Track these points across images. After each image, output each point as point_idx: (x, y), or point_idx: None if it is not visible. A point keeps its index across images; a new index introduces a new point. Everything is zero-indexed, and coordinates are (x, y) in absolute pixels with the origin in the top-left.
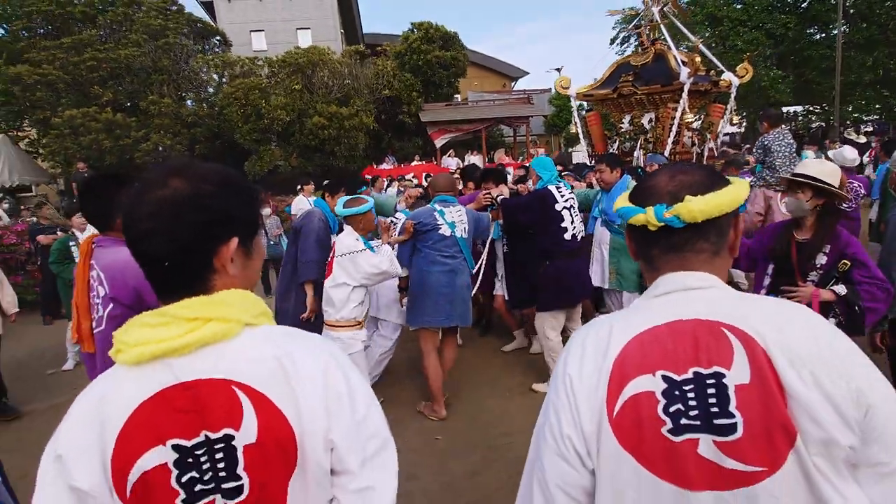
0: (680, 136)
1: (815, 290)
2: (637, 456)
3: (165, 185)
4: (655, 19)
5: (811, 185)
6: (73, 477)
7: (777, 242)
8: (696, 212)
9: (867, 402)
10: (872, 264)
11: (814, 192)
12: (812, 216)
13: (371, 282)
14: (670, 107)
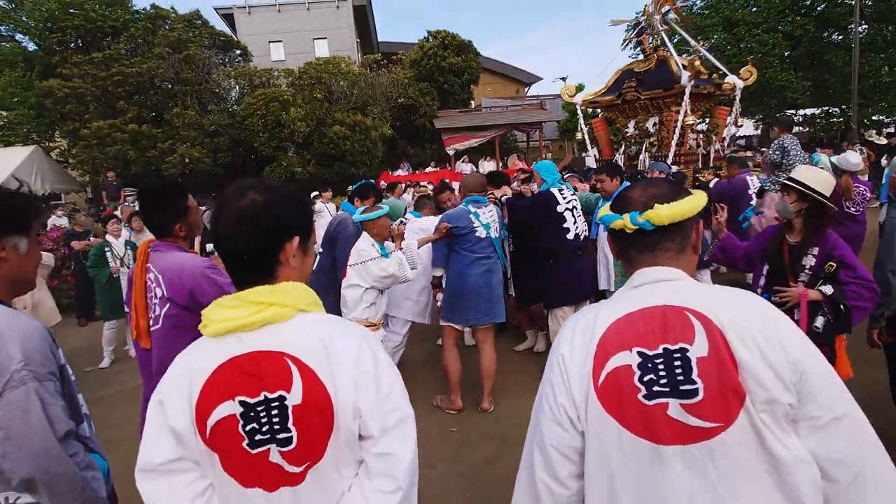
0: (684, 139)
1: (804, 290)
2: (618, 418)
3: (244, 197)
4: (657, 27)
5: (796, 189)
6: (169, 417)
7: (770, 244)
8: (663, 217)
9: (802, 369)
10: (859, 265)
11: (798, 196)
12: (799, 219)
13: (381, 285)
14: (673, 110)
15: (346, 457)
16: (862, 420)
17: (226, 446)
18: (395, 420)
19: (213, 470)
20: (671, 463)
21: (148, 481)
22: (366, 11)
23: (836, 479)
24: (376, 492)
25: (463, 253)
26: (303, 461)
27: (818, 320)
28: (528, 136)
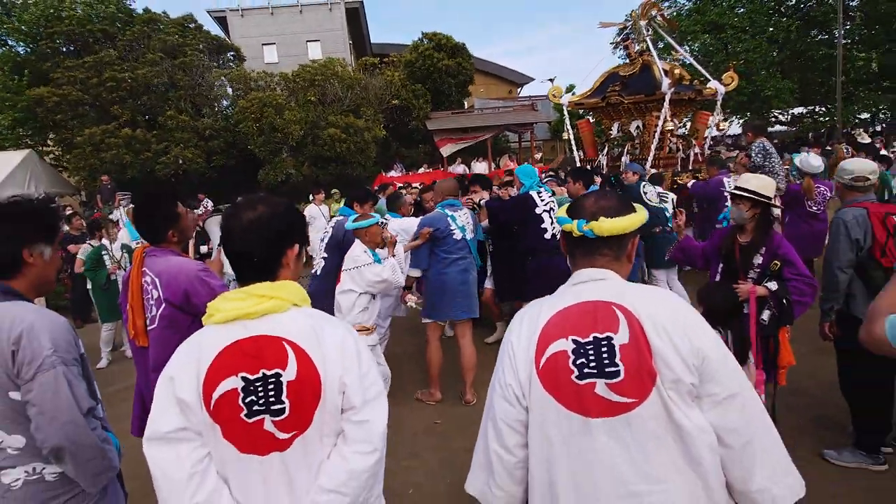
0: (664, 143)
1: (752, 286)
2: (555, 396)
3: (254, 209)
4: (643, 31)
5: (748, 197)
6: (178, 390)
7: (724, 244)
8: (604, 229)
9: (703, 355)
10: (800, 263)
11: (751, 203)
12: (752, 223)
13: (375, 289)
14: (654, 115)
15: (329, 427)
16: (752, 398)
17: (226, 416)
18: (374, 393)
19: (214, 438)
20: (597, 433)
21: (155, 448)
22: (358, 13)
23: (730, 445)
24: (355, 453)
25: (441, 255)
26: (292, 429)
27: (764, 314)
28: (520, 137)
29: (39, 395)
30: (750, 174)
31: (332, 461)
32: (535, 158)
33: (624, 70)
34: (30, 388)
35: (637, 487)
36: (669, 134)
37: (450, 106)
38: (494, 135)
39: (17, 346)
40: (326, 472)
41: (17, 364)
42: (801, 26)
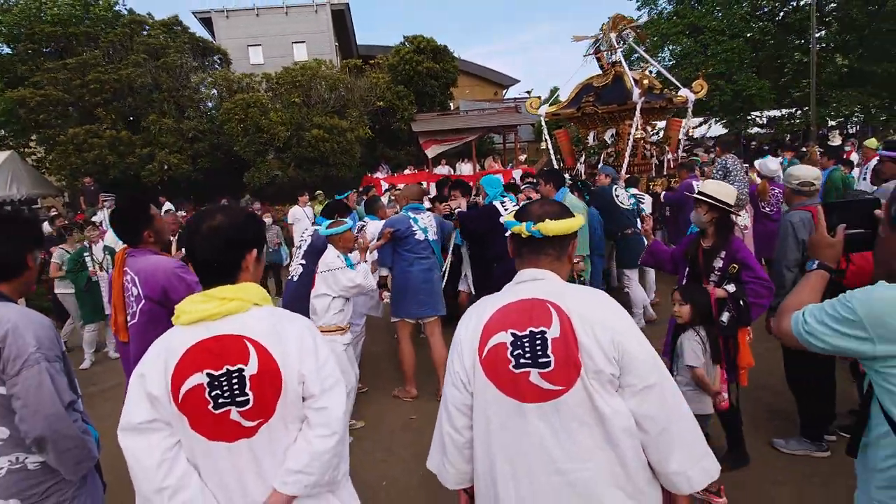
0: (638, 150)
1: (712, 288)
2: (495, 382)
3: (214, 218)
4: (614, 44)
5: (706, 201)
6: (148, 385)
7: (689, 249)
8: (549, 230)
9: (623, 349)
10: (758, 266)
11: (709, 208)
12: (711, 227)
13: (348, 294)
14: (627, 123)
15: (292, 414)
16: (669, 388)
17: (194, 408)
18: (331, 383)
19: (182, 429)
20: (530, 416)
21: (129, 438)
22: (344, 15)
23: (648, 430)
24: (317, 437)
25: (404, 254)
26: (257, 418)
27: (724, 315)
28: (505, 139)
29: (24, 389)
30: (711, 181)
31: (296, 445)
32: (520, 160)
33: (598, 81)
34: (15, 383)
35: (563, 465)
36: (642, 141)
37: (434, 108)
38: (479, 136)
39: (3, 343)
40: (292, 454)
41: (2, 360)
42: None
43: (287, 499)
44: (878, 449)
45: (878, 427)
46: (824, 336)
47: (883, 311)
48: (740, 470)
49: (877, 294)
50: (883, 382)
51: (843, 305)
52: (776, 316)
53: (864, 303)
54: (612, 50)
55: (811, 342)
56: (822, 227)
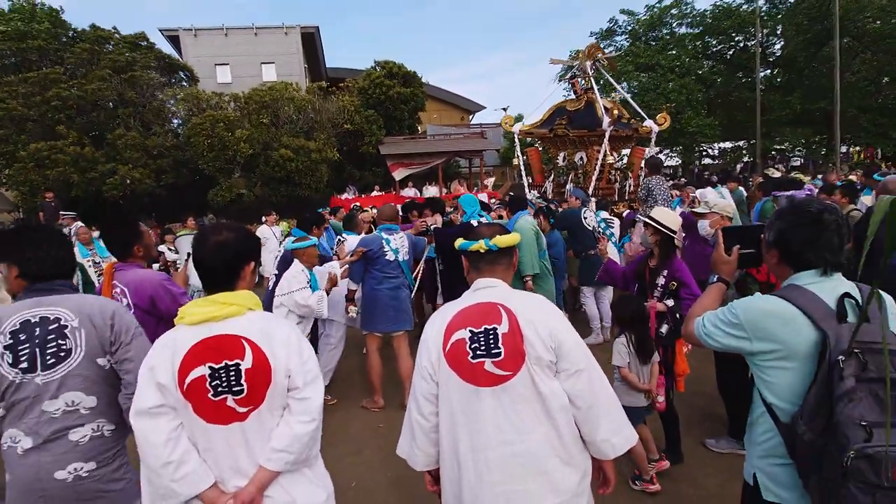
0: (604, 174)
1: (654, 303)
2: (456, 371)
3: (220, 234)
4: (588, 71)
5: (651, 224)
6: (157, 376)
7: (638, 267)
8: (503, 242)
9: (558, 339)
10: (694, 284)
11: (654, 230)
12: (656, 248)
13: (299, 311)
14: (596, 148)
15: (277, 403)
16: (596, 372)
17: (196, 395)
18: (312, 377)
19: (186, 413)
20: (485, 398)
21: (140, 420)
22: (314, 38)
23: (579, 407)
24: (298, 422)
25: (374, 272)
26: (249, 405)
27: (663, 327)
28: (470, 163)
29: (137, 354)
30: (660, 208)
31: (280, 428)
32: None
33: (571, 105)
34: (129, 349)
35: (511, 437)
36: (609, 167)
37: (402, 131)
38: (445, 160)
39: (113, 320)
40: (276, 436)
41: (114, 333)
42: (725, 70)
43: (271, 473)
44: (758, 426)
45: (757, 409)
46: (717, 336)
47: (758, 316)
48: (676, 465)
49: (753, 303)
50: (760, 373)
51: (730, 312)
52: (685, 321)
53: (745, 310)
54: (585, 77)
55: (708, 341)
56: (720, 248)
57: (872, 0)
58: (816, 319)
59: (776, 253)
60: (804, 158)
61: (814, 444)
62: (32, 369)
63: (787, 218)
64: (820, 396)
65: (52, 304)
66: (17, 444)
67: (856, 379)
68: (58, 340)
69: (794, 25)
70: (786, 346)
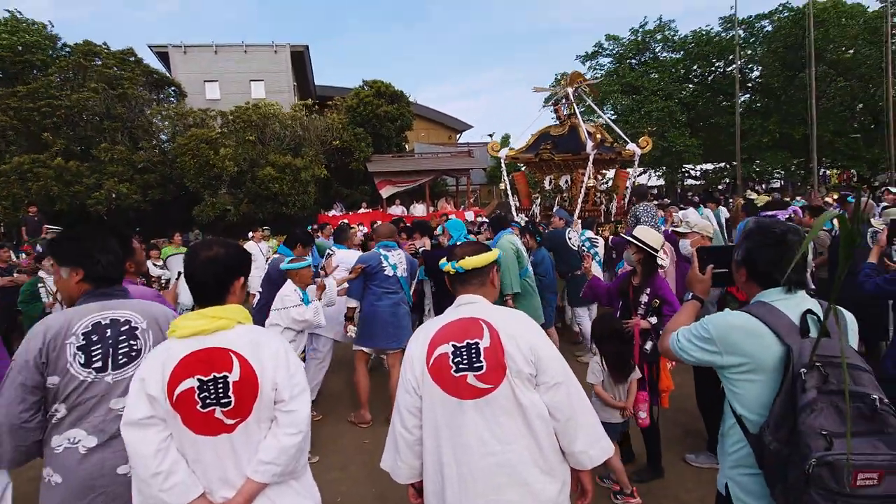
0: (590, 197)
1: (638, 320)
2: (440, 385)
3: (211, 249)
4: (570, 98)
5: (634, 243)
6: (148, 387)
7: (622, 285)
8: (467, 264)
9: (538, 355)
10: (676, 302)
11: (637, 249)
12: (639, 266)
13: (297, 327)
14: (580, 172)
15: (264, 415)
16: (574, 387)
17: (185, 407)
18: (299, 390)
19: (175, 424)
20: (468, 410)
21: (130, 431)
22: (303, 57)
23: (558, 419)
24: (285, 434)
25: (373, 288)
26: (236, 417)
27: (647, 344)
28: (458, 182)
29: None
30: (643, 227)
31: (267, 440)
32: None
33: (555, 130)
34: None
35: (494, 448)
36: (594, 189)
37: (390, 149)
38: (433, 178)
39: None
40: (263, 448)
41: None
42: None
43: (259, 485)
44: (729, 437)
45: (728, 420)
46: (690, 350)
47: (727, 331)
48: (657, 480)
49: (723, 319)
50: (730, 386)
51: (702, 327)
52: (661, 336)
53: (715, 325)
54: (568, 103)
55: (682, 355)
56: (695, 267)
57: (845, 30)
58: (781, 334)
59: (744, 271)
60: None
61: (779, 453)
62: (104, 368)
63: (754, 238)
64: (784, 407)
65: (119, 307)
66: (76, 444)
67: (817, 391)
68: (129, 341)
69: (771, 52)
70: (753, 360)
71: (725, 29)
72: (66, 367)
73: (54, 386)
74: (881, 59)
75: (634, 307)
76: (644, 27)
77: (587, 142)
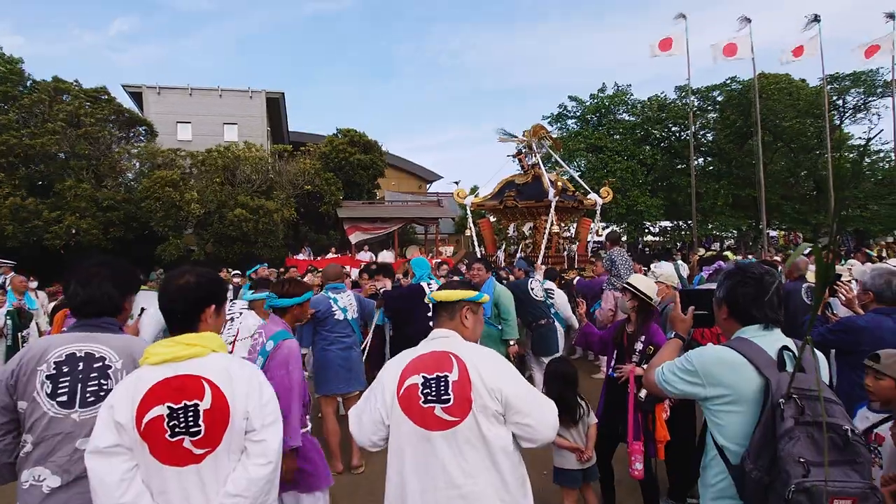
0: (552, 243)
1: (633, 367)
2: (408, 415)
3: (182, 278)
4: (534, 148)
5: (630, 290)
6: (116, 415)
7: (616, 334)
8: (437, 296)
9: (503, 392)
10: None
11: (632, 296)
12: (634, 313)
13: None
14: (543, 219)
15: (235, 445)
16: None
17: (153, 436)
18: (271, 420)
19: (142, 454)
20: (435, 441)
21: (94, 460)
22: (278, 103)
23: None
24: (254, 465)
25: (324, 334)
26: (206, 446)
27: (642, 392)
28: (426, 230)
29: None
30: (638, 276)
31: (236, 472)
32: (442, 251)
33: (519, 179)
34: None
35: (458, 481)
36: (557, 236)
37: (361, 196)
38: (402, 226)
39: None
40: (232, 480)
41: None
42: (664, 156)
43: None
44: (710, 469)
45: (710, 451)
46: (674, 383)
47: (710, 364)
48: None
49: (706, 353)
50: (712, 417)
51: (686, 361)
52: (645, 371)
53: (699, 359)
54: (532, 153)
55: (666, 387)
56: (677, 308)
57: (791, 103)
58: (760, 367)
59: (725, 309)
60: (735, 241)
61: (760, 481)
62: (71, 405)
63: (735, 278)
64: (764, 437)
65: (98, 342)
66: (41, 482)
67: (794, 420)
68: (100, 380)
69: (722, 119)
70: (735, 391)
71: (680, 97)
72: (34, 395)
73: (23, 411)
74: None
75: (629, 355)
76: (603, 92)
77: (549, 189)
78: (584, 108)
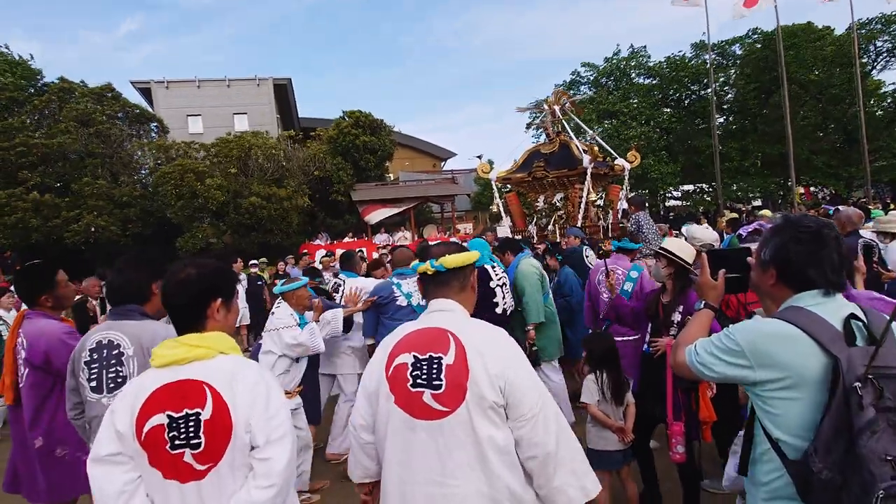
0: (588, 213)
1: (670, 340)
2: (395, 397)
3: (184, 270)
4: (557, 115)
5: (665, 256)
6: (117, 422)
7: (650, 304)
8: (450, 262)
9: (510, 380)
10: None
11: (668, 262)
12: (669, 281)
13: (292, 353)
14: (577, 187)
15: (239, 461)
16: (552, 414)
17: (153, 446)
18: (279, 434)
19: (142, 464)
20: (419, 431)
21: (95, 468)
22: (286, 89)
23: (536, 455)
24: (256, 487)
25: (387, 322)
26: (207, 461)
27: None
28: (443, 208)
29: None
30: (673, 239)
31: (239, 493)
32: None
33: (545, 148)
34: None
35: (440, 479)
36: (592, 204)
37: (370, 180)
38: (417, 205)
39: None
40: (233, 502)
41: None
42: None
43: None
44: (762, 464)
45: (760, 445)
46: (713, 365)
47: (760, 341)
48: None
49: (754, 327)
50: (762, 405)
51: (728, 338)
52: (672, 350)
53: (745, 335)
54: (555, 120)
55: (703, 371)
56: (706, 272)
57: (815, 53)
58: (825, 343)
59: (774, 272)
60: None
61: (831, 482)
62: (100, 390)
63: (786, 232)
64: (836, 428)
65: (117, 329)
66: None
67: (874, 408)
68: (117, 367)
69: (744, 76)
70: (793, 373)
71: (697, 55)
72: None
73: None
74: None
75: (665, 327)
76: (617, 55)
77: (583, 156)
78: (597, 73)
